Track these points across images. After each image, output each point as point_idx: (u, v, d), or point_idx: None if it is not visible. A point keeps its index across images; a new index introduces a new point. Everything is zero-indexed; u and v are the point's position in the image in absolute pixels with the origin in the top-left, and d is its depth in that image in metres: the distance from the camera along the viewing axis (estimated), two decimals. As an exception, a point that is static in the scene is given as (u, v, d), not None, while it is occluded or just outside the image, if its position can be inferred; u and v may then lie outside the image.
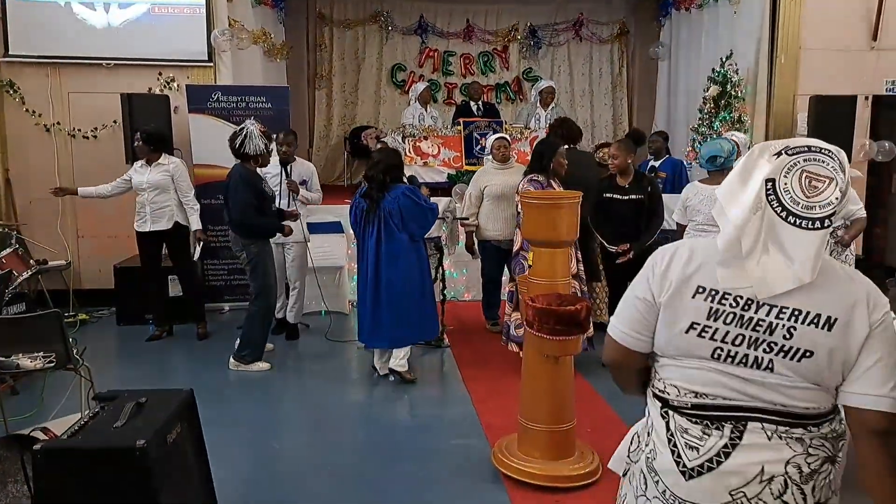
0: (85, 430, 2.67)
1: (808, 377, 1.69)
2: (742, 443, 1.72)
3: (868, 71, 7.95)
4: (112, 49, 7.45)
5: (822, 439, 1.72)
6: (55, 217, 7.44)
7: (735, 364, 1.73)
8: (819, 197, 1.68)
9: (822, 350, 1.67)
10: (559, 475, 3.88)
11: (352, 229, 5.58)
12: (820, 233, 1.67)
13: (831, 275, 1.72)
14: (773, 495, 1.70)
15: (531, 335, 3.89)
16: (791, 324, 1.69)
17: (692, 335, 1.76)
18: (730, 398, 1.74)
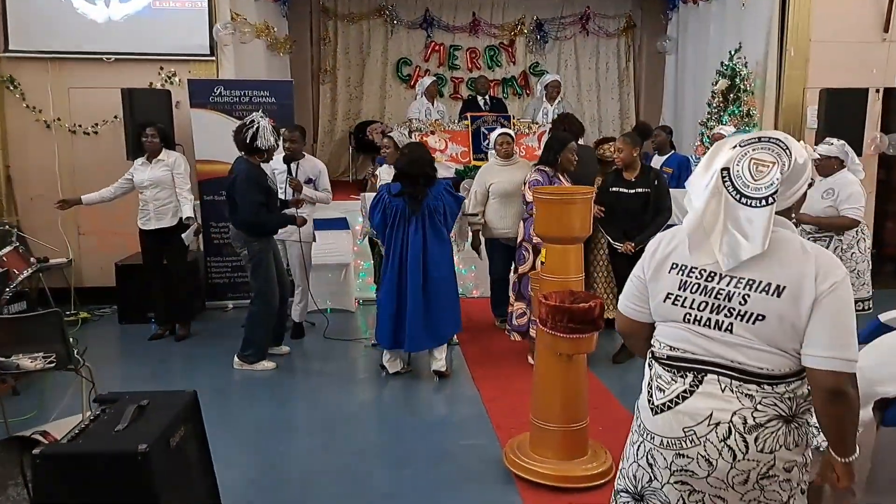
0: (85, 434, 2.58)
1: (763, 339, 1.97)
2: (699, 390, 2.04)
3: (879, 64, 7.84)
4: (112, 43, 7.34)
5: (776, 398, 1.98)
6: (56, 214, 7.32)
7: (701, 326, 2.06)
8: (764, 179, 1.99)
9: (772, 314, 1.95)
10: (572, 475, 3.81)
11: (375, 229, 5.39)
12: (766, 209, 1.96)
13: (788, 249, 1.99)
14: (717, 438, 1.99)
15: (544, 333, 3.79)
16: (746, 291, 1.99)
17: (668, 303, 2.12)
18: (695, 353, 2.07)
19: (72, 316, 6.81)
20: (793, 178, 2.01)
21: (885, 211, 8.72)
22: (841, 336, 1.91)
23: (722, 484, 2.02)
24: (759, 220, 1.96)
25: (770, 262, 1.97)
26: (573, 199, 4.04)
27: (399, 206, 5.18)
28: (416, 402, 5.18)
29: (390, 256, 5.27)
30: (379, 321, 5.41)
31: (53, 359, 3.69)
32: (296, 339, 6.36)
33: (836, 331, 1.91)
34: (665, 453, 2.08)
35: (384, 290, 5.35)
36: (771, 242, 1.97)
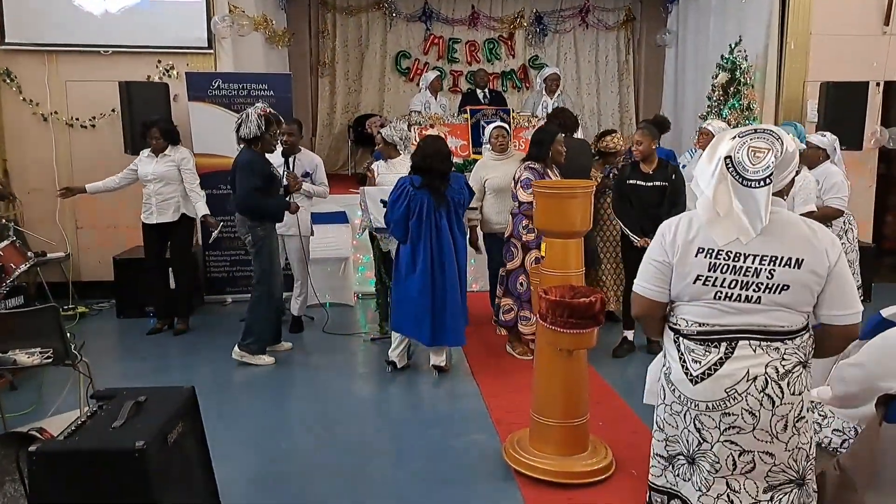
0: (82, 430, 2.55)
1: (784, 304, 2.34)
2: (734, 356, 2.36)
3: (879, 57, 7.81)
4: (110, 36, 7.30)
5: (795, 348, 2.36)
6: (54, 208, 7.31)
7: (732, 301, 2.37)
8: (761, 163, 2.31)
9: (796, 283, 2.32)
10: (573, 471, 3.79)
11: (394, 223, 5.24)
12: (766, 189, 2.30)
13: (798, 227, 2.37)
14: (757, 390, 2.33)
15: (544, 328, 3.77)
16: (771, 267, 2.33)
17: (698, 284, 2.41)
18: (725, 325, 2.38)
19: (70, 310, 6.78)
20: (784, 164, 2.35)
21: (886, 204, 8.71)
22: (852, 296, 2.36)
23: (767, 436, 2.34)
24: (761, 199, 2.30)
25: (785, 239, 2.33)
26: (574, 193, 4.01)
27: (424, 199, 5.14)
28: (416, 397, 5.16)
29: (419, 250, 5.19)
30: (413, 317, 5.25)
31: (51, 354, 3.66)
32: (294, 333, 6.34)
33: (849, 293, 2.36)
34: (713, 415, 2.37)
35: (415, 285, 5.19)
36: (780, 221, 2.35)
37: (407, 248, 5.24)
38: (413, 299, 5.21)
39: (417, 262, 5.20)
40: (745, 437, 2.34)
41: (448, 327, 5.25)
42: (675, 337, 2.48)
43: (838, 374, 2.78)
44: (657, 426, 2.58)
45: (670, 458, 2.54)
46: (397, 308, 5.39)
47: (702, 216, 2.40)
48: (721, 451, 2.37)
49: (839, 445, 2.71)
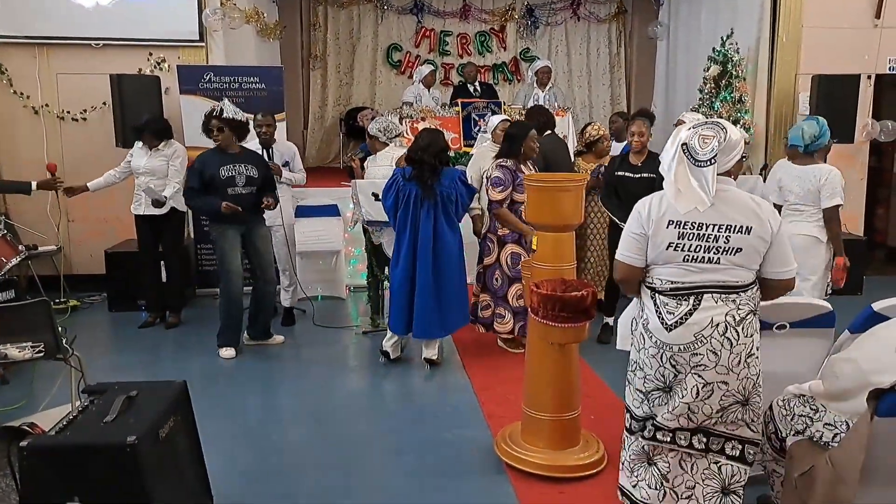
0: (73, 425, 2.55)
1: (738, 263, 2.89)
2: (700, 307, 2.89)
3: (871, 50, 7.82)
4: (101, 29, 7.26)
5: (748, 299, 2.92)
6: (45, 201, 7.27)
7: (697, 262, 2.91)
8: (708, 147, 2.85)
9: (747, 247, 2.88)
10: (564, 465, 3.80)
11: (387, 213, 5.29)
12: (711, 168, 2.85)
13: (748, 203, 2.93)
14: (719, 333, 2.87)
15: (536, 322, 3.78)
16: (727, 234, 2.88)
17: (670, 250, 2.94)
18: (693, 282, 2.92)
19: (61, 304, 6.76)
20: (727, 149, 2.89)
21: (877, 197, 8.74)
22: (789, 256, 2.95)
23: (724, 370, 2.89)
24: (709, 176, 2.86)
25: (736, 212, 2.89)
26: (566, 187, 4.01)
27: (412, 191, 5.13)
28: (407, 391, 5.16)
29: (402, 242, 5.21)
30: (392, 307, 5.34)
31: (42, 348, 3.64)
32: (286, 326, 6.35)
33: (787, 254, 2.94)
34: (684, 355, 2.91)
35: (397, 276, 5.27)
36: (731, 197, 2.92)
37: (397, 240, 5.27)
38: (394, 293, 5.31)
39: (400, 254, 5.24)
40: (709, 372, 2.89)
41: (416, 319, 5.23)
42: (652, 294, 3.01)
43: (830, 368, 2.80)
44: (637, 366, 3.12)
45: (647, 392, 3.06)
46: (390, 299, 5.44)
47: (668, 193, 2.96)
48: (689, 382, 2.92)
49: (831, 439, 2.72)
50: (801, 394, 2.95)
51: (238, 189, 5.47)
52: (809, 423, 2.83)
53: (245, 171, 5.49)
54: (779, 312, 3.45)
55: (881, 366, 2.55)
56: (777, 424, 3.00)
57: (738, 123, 7.89)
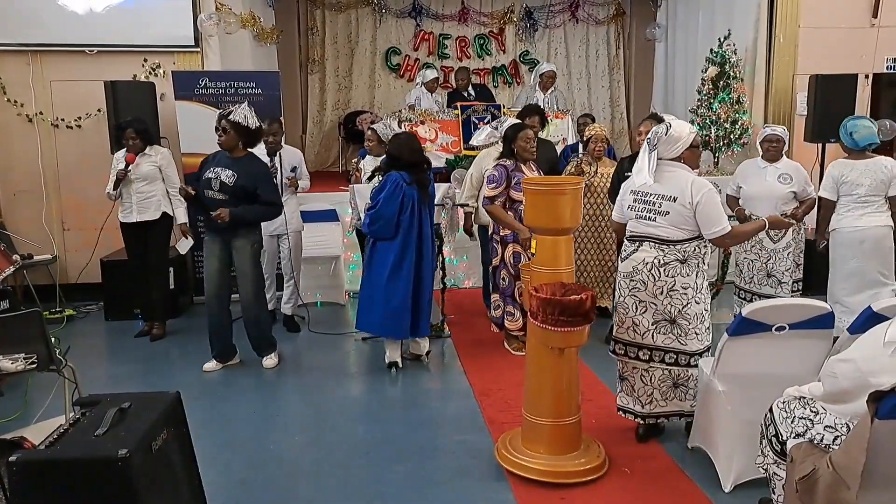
0: (64, 439, 2.50)
1: (668, 223, 3.88)
2: (639, 248, 3.99)
3: (868, 49, 7.81)
4: (95, 35, 7.23)
5: (675, 251, 3.88)
6: (40, 209, 7.25)
7: (644, 220, 3.97)
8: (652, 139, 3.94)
9: (673, 210, 3.85)
10: (565, 470, 3.76)
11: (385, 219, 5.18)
12: (652, 153, 3.93)
13: (680, 178, 3.88)
14: (647, 269, 3.93)
15: (535, 326, 3.75)
16: (659, 200, 3.90)
17: (630, 210, 4.04)
18: (640, 232, 4.00)
19: (57, 313, 6.73)
20: (669, 141, 3.89)
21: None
22: (713, 221, 3.81)
23: (651, 295, 3.95)
24: (651, 160, 3.92)
25: (670, 185, 3.87)
26: (563, 190, 3.97)
27: (414, 194, 5.18)
28: (407, 397, 5.12)
29: (409, 245, 5.20)
30: (392, 315, 5.24)
31: (35, 359, 3.60)
32: (292, 333, 6.36)
33: (710, 220, 3.81)
34: (626, 280, 4.04)
35: (403, 281, 5.21)
36: (672, 176, 3.90)
37: (392, 246, 5.21)
38: (396, 302, 5.22)
39: (404, 263, 5.20)
40: (641, 293, 3.97)
41: (423, 317, 5.38)
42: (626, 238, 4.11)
43: (829, 369, 2.76)
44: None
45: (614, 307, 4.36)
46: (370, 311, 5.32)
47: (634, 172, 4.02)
48: (630, 300, 4.03)
49: (831, 442, 2.68)
50: (800, 396, 2.91)
51: (212, 193, 5.23)
52: (810, 426, 2.79)
53: (224, 176, 5.21)
54: (778, 314, 3.43)
55: (879, 367, 2.51)
56: (777, 427, 2.96)
57: (737, 124, 7.88)
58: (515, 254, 5.42)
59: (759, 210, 5.65)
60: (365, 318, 5.37)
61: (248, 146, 5.36)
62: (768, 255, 5.70)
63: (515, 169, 5.39)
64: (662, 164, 3.92)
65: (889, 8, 7.70)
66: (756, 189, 5.74)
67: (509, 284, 5.51)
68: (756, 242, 5.73)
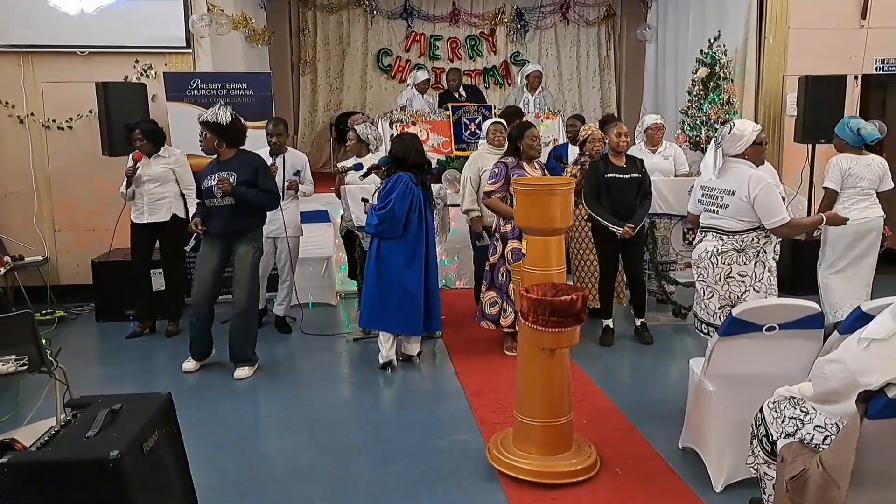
0: (55, 440, 2.50)
1: (728, 215, 4.19)
2: (705, 238, 4.34)
3: (857, 50, 7.85)
4: (86, 36, 7.20)
5: (733, 241, 4.19)
6: (31, 211, 7.23)
7: (708, 212, 4.32)
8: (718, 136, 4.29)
9: (732, 203, 4.16)
10: (556, 471, 3.76)
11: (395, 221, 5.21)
12: (718, 149, 4.23)
13: (740, 173, 4.16)
14: (708, 256, 4.26)
15: (526, 327, 3.75)
16: (720, 194, 4.23)
17: (700, 205, 4.42)
18: (706, 224, 4.35)
19: (48, 315, 6.71)
20: (734, 139, 4.20)
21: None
22: (774, 211, 4.07)
23: (712, 280, 4.24)
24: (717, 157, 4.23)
25: (731, 180, 4.18)
26: (553, 190, 3.98)
27: (421, 195, 5.29)
28: (399, 397, 5.13)
29: (419, 244, 5.30)
30: (406, 312, 5.32)
31: (26, 361, 3.59)
32: (284, 334, 6.36)
33: (769, 211, 4.07)
34: (693, 267, 4.44)
35: (413, 279, 5.30)
36: (734, 171, 4.19)
37: (400, 245, 5.26)
38: (410, 297, 5.30)
39: (415, 260, 5.29)
40: (705, 280, 4.29)
41: (433, 314, 5.49)
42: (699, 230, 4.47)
43: (819, 370, 2.78)
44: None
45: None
46: (383, 307, 5.35)
47: (701, 167, 4.52)
48: (699, 285, 4.39)
49: (821, 442, 2.70)
50: (791, 396, 2.93)
51: (215, 201, 5.21)
52: (800, 426, 2.81)
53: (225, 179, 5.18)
54: (768, 314, 3.44)
55: (868, 367, 2.53)
56: (768, 427, 2.97)
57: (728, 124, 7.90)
58: (515, 250, 5.42)
59: None
60: (376, 316, 5.39)
61: (236, 144, 5.31)
62: None
63: (516, 167, 5.45)
64: (727, 160, 4.23)
65: (877, 9, 7.74)
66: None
67: (507, 281, 5.53)
68: None
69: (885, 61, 7.94)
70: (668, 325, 6.44)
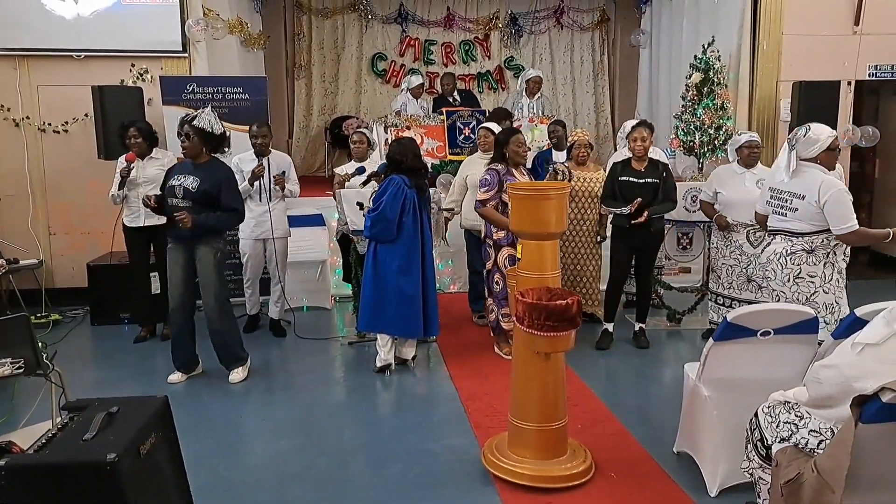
0: (52, 443, 2.50)
1: (797, 217, 4.30)
2: (774, 241, 4.47)
3: (850, 56, 7.89)
4: (82, 40, 7.20)
5: (802, 242, 4.30)
6: (26, 214, 7.21)
7: (777, 215, 4.43)
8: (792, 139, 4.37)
9: (801, 207, 4.26)
10: (551, 475, 3.77)
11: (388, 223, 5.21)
12: (792, 152, 4.32)
13: (812, 177, 4.23)
14: (777, 258, 4.39)
15: (521, 331, 3.76)
16: (790, 197, 4.33)
17: (768, 206, 4.52)
18: (775, 226, 4.48)
19: (43, 318, 6.70)
20: (808, 143, 4.26)
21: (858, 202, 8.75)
22: (844, 217, 4.14)
23: (780, 284, 4.38)
24: (790, 159, 4.32)
25: (802, 184, 4.26)
26: (548, 195, 4.00)
27: (415, 197, 5.30)
28: (394, 401, 5.14)
29: (413, 248, 5.31)
30: (405, 316, 5.33)
31: (22, 364, 3.59)
32: (278, 337, 6.36)
33: (841, 217, 4.14)
34: (761, 270, 4.58)
35: (410, 283, 5.30)
36: (806, 174, 4.26)
37: (396, 247, 5.27)
38: (408, 299, 5.31)
39: (412, 263, 5.30)
40: (773, 282, 4.43)
41: (432, 318, 5.48)
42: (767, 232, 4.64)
43: (813, 375, 2.80)
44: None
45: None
46: (381, 310, 5.36)
47: (773, 169, 4.64)
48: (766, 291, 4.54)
49: (816, 446, 2.71)
50: (785, 400, 2.95)
51: (176, 201, 5.10)
52: (795, 430, 2.82)
53: (187, 183, 5.09)
54: (763, 319, 3.46)
55: (863, 372, 2.55)
56: (762, 431, 2.99)
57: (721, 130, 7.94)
58: (509, 257, 5.44)
59: (737, 215, 5.72)
60: (374, 319, 5.40)
61: (213, 151, 5.25)
62: (748, 259, 5.74)
63: (507, 173, 5.47)
64: (800, 163, 4.30)
65: (870, 16, 7.79)
66: (735, 195, 5.77)
67: (503, 288, 5.54)
68: (736, 248, 5.79)
69: (878, 67, 7.99)
70: (663, 330, 6.46)
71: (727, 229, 5.82)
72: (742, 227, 5.74)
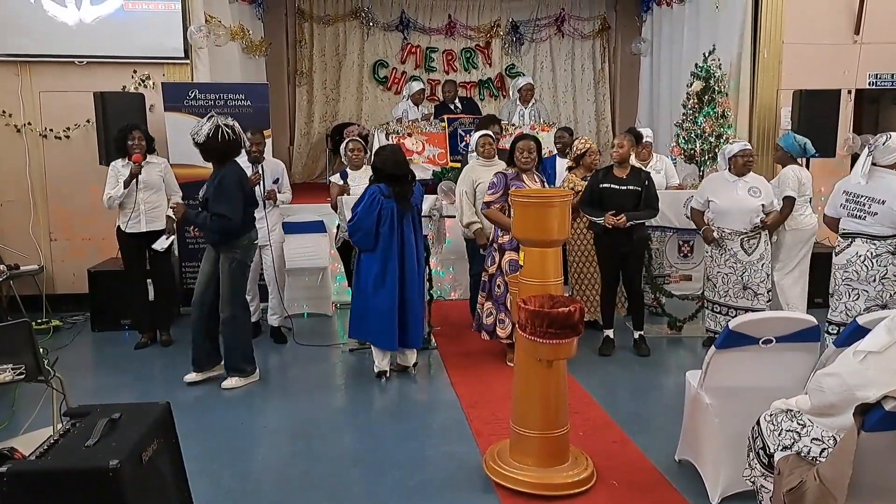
0: (54, 449, 2.50)
1: (878, 221, 4.59)
2: (852, 244, 4.73)
3: (850, 65, 7.91)
4: (84, 46, 7.21)
5: (885, 244, 4.63)
6: (27, 220, 7.21)
7: (854, 218, 4.71)
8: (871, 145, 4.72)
9: (881, 211, 4.57)
10: (553, 483, 3.76)
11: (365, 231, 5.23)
12: (868, 158, 4.66)
13: (890, 183, 4.57)
14: (860, 261, 4.68)
15: (523, 338, 3.76)
16: (869, 201, 4.62)
17: (843, 209, 4.78)
18: (851, 230, 4.74)
19: (43, 324, 6.69)
20: (887, 150, 4.60)
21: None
22: None
23: (864, 283, 4.69)
24: (867, 164, 4.61)
25: (880, 189, 4.58)
26: (551, 202, 4.00)
27: (393, 207, 5.23)
28: (395, 408, 5.13)
29: (390, 259, 5.26)
30: (381, 328, 5.32)
31: (23, 370, 3.58)
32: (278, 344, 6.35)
33: None
34: (840, 271, 4.82)
35: (385, 296, 5.28)
36: (883, 179, 4.60)
37: (375, 258, 5.27)
38: (383, 312, 5.28)
39: (387, 275, 5.27)
40: (854, 282, 4.71)
41: (412, 329, 5.44)
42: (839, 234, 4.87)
43: (816, 383, 2.79)
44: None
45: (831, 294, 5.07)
46: (363, 319, 5.38)
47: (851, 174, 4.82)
48: (843, 288, 4.81)
49: (818, 454, 2.71)
50: (788, 409, 2.94)
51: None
52: (797, 438, 2.82)
53: (202, 190, 5.35)
54: (765, 327, 3.46)
55: (865, 380, 2.55)
56: (765, 440, 2.98)
57: (722, 138, 7.95)
58: (512, 262, 5.43)
59: (730, 223, 5.72)
60: (357, 326, 5.45)
61: (223, 159, 5.25)
62: (743, 267, 5.73)
63: (515, 178, 5.47)
64: (875, 169, 4.64)
65: (871, 25, 7.80)
66: (727, 203, 5.76)
67: (504, 292, 5.53)
68: (731, 256, 5.76)
69: (878, 76, 8.01)
70: (664, 338, 6.46)
71: (712, 243, 5.82)
72: (735, 236, 5.73)
